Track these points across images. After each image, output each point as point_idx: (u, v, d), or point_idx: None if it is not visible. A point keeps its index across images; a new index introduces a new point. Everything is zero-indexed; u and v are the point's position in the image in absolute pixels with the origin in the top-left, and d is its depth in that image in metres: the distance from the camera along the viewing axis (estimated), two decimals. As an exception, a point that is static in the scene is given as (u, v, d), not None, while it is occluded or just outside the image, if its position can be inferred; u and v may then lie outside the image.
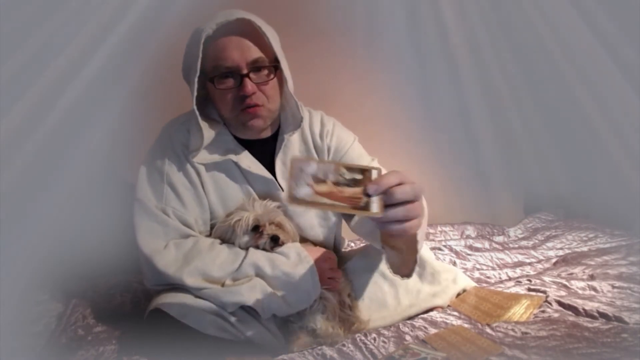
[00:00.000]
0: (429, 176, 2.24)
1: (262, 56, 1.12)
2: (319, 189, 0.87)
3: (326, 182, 0.87)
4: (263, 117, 1.16)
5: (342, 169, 0.87)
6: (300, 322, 1.10)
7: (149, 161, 1.19)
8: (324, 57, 1.97)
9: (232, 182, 1.19)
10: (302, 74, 1.29)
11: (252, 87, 1.11)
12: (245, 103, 1.12)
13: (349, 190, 0.86)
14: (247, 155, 1.21)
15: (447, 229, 2.10)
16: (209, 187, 1.18)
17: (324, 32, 1.92)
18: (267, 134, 1.25)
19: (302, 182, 0.86)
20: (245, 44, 1.10)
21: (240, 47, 1.10)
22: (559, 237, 1.95)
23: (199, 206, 1.17)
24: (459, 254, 1.75)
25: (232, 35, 1.10)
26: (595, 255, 1.62)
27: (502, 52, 2.15)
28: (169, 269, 1.06)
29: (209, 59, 1.11)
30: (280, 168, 1.23)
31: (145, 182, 1.16)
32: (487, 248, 1.88)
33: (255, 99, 1.12)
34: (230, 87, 1.12)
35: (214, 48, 1.10)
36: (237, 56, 1.09)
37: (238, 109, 1.13)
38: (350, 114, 1.87)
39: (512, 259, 1.74)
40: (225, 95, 1.13)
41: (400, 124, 2.17)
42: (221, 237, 1.16)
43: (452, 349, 1.00)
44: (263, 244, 1.12)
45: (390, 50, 2.11)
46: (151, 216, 1.12)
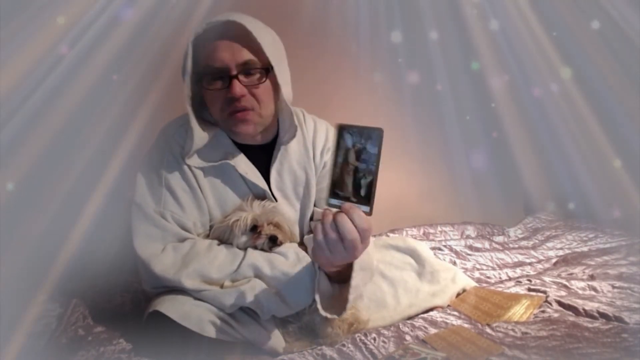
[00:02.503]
0: (429, 176, 2.25)
1: (253, 59, 1.10)
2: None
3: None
4: (253, 123, 1.14)
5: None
6: (299, 323, 1.10)
7: (147, 164, 1.18)
8: (323, 56, 1.98)
9: (230, 185, 1.19)
10: (300, 74, 1.28)
11: (241, 90, 1.09)
12: (234, 106, 1.10)
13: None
14: (244, 160, 1.19)
15: (447, 229, 2.10)
16: (207, 190, 1.17)
17: (322, 32, 1.92)
18: (265, 140, 1.23)
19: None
20: (236, 46, 1.09)
21: (230, 49, 1.09)
22: (559, 237, 1.95)
23: (198, 209, 1.17)
24: (459, 254, 1.75)
25: (224, 37, 1.09)
26: (595, 255, 1.62)
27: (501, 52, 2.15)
28: (167, 272, 1.06)
29: (201, 59, 1.10)
30: (275, 178, 1.22)
31: (144, 185, 1.15)
32: (487, 248, 1.88)
33: (244, 102, 1.10)
34: (218, 88, 1.10)
35: (206, 49, 1.10)
36: (226, 57, 1.08)
37: (226, 111, 1.12)
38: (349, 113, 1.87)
39: (512, 259, 1.74)
40: (215, 97, 1.12)
41: (399, 124, 2.17)
42: (219, 238, 1.15)
43: (452, 349, 1.00)
44: (261, 244, 1.12)
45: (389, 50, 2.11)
46: (149, 220, 1.12)
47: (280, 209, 1.20)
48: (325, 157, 1.28)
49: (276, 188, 1.22)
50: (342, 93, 2.02)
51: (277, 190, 1.22)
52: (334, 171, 0.84)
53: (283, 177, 1.23)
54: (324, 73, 1.95)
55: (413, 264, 1.30)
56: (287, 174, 1.23)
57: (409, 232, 2.03)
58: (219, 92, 1.11)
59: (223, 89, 1.10)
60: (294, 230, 1.22)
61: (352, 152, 0.83)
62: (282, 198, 1.22)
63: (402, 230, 2.04)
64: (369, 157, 0.82)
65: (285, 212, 1.21)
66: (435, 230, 2.08)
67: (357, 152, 0.83)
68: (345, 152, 0.83)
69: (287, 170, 1.23)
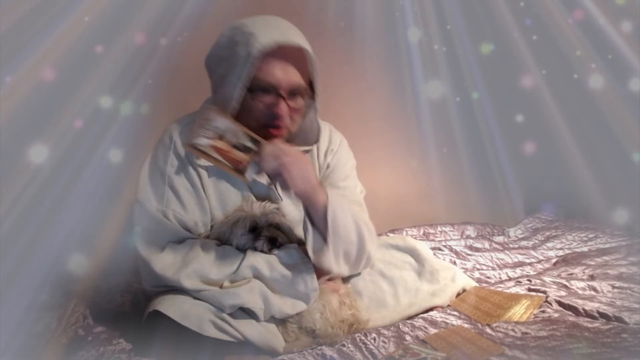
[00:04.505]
0: (429, 176, 2.24)
1: (303, 85, 1.14)
2: (215, 144, 1.04)
3: (223, 140, 1.05)
4: (281, 137, 1.16)
5: (241, 133, 1.06)
6: (299, 323, 1.10)
7: (151, 162, 1.18)
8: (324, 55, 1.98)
9: (233, 186, 1.19)
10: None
11: (286, 110, 1.12)
12: (273, 123, 1.13)
13: (238, 154, 1.06)
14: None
15: (447, 229, 2.10)
16: (210, 191, 1.17)
17: (323, 31, 1.92)
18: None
19: (204, 132, 1.03)
20: (293, 68, 1.12)
21: (287, 70, 1.11)
22: (559, 237, 1.95)
23: (200, 209, 1.17)
24: (459, 254, 1.75)
25: (285, 59, 1.11)
26: (595, 256, 1.62)
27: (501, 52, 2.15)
28: (166, 272, 1.06)
29: (252, 70, 1.10)
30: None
31: (147, 183, 1.16)
32: (487, 248, 1.88)
33: (282, 121, 1.13)
34: (266, 103, 1.12)
35: (263, 63, 1.09)
36: (281, 77, 1.10)
37: (262, 123, 1.14)
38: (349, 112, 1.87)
39: (512, 259, 1.73)
40: (256, 107, 1.13)
41: (400, 123, 2.17)
42: (219, 238, 1.15)
43: (452, 349, 1.00)
44: (261, 245, 1.12)
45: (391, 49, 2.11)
46: (151, 218, 1.12)
47: (284, 208, 1.21)
48: (328, 158, 1.29)
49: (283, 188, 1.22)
50: (342, 92, 2.02)
51: (284, 191, 1.22)
52: (229, 167, 1.07)
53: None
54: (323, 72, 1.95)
55: (413, 264, 1.30)
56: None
57: (409, 232, 2.03)
58: (263, 104, 1.12)
59: (269, 104, 1.12)
60: (295, 231, 1.22)
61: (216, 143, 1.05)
62: (287, 197, 1.22)
63: (402, 230, 2.04)
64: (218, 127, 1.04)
65: (289, 212, 1.22)
66: (435, 230, 2.08)
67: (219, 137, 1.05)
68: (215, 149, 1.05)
69: None
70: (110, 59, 1.57)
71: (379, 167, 2.11)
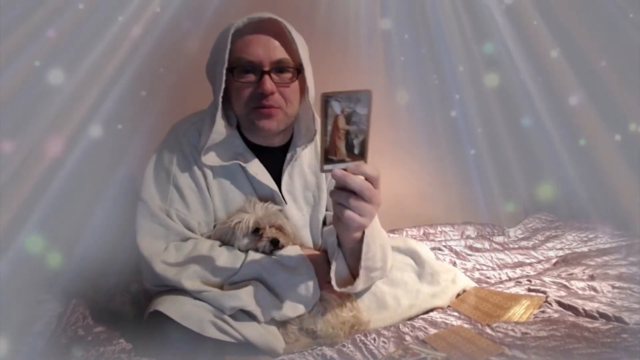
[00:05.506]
0: (429, 176, 2.25)
1: (287, 58, 1.11)
2: (340, 118, 0.87)
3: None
4: (277, 120, 1.14)
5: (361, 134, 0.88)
6: (300, 324, 1.10)
7: (156, 161, 1.18)
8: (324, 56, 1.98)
9: (237, 187, 1.19)
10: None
11: (271, 86, 1.10)
12: (261, 102, 1.11)
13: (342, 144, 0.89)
14: (255, 162, 1.19)
15: (447, 229, 2.10)
16: (215, 191, 1.17)
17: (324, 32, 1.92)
18: (279, 142, 1.23)
19: (344, 100, 0.86)
20: (272, 43, 1.11)
21: (266, 45, 1.10)
22: (559, 237, 1.95)
23: (204, 209, 1.16)
24: (459, 254, 1.75)
25: (260, 33, 1.10)
26: (595, 256, 1.62)
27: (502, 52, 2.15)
28: (168, 272, 1.06)
29: (234, 52, 1.10)
30: (287, 181, 1.22)
31: (151, 182, 1.16)
32: (487, 248, 1.88)
33: (272, 100, 1.11)
34: (249, 81, 1.11)
35: (242, 42, 1.10)
36: (261, 53, 1.09)
37: (251, 106, 1.12)
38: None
39: (512, 259, 1.73)
40: (242, 90, 1.12)
41: (400, 124, 2.17)
42: (221, 239, 1.15)
43: (452, 349, 1.00)
44: (263, 247, 1.11)
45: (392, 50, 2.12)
46: (154, 217, 1.12)
47: (288, 211, 1.20)
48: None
49: (286, 190, 1.22)
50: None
51: (287, 192, 1.22)
52: (324, 140, 0.86)
53: (294, 179, 1.23)
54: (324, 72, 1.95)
55: (413, 265, 1.29)
56: (297, 177, 1.23)
57: (409, 232, 2.03)
58: (248, 85, 1.11)
59: (253, 83, 1.11)
60: (298, 233, 1.21)
61: (341, 118, 0.85)
62: (291, 201, 1.22)
63: (402, 231, 2.04)
64: (360, 119, 0.85)
65: (292, 216, 1.21)
66: (435, 230, 2.08)
67: (347, 117, 0.85)
68: (335, 119, 0.85)
69: (298, 173, 1.23)
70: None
71: (378, 167, 2.10)
